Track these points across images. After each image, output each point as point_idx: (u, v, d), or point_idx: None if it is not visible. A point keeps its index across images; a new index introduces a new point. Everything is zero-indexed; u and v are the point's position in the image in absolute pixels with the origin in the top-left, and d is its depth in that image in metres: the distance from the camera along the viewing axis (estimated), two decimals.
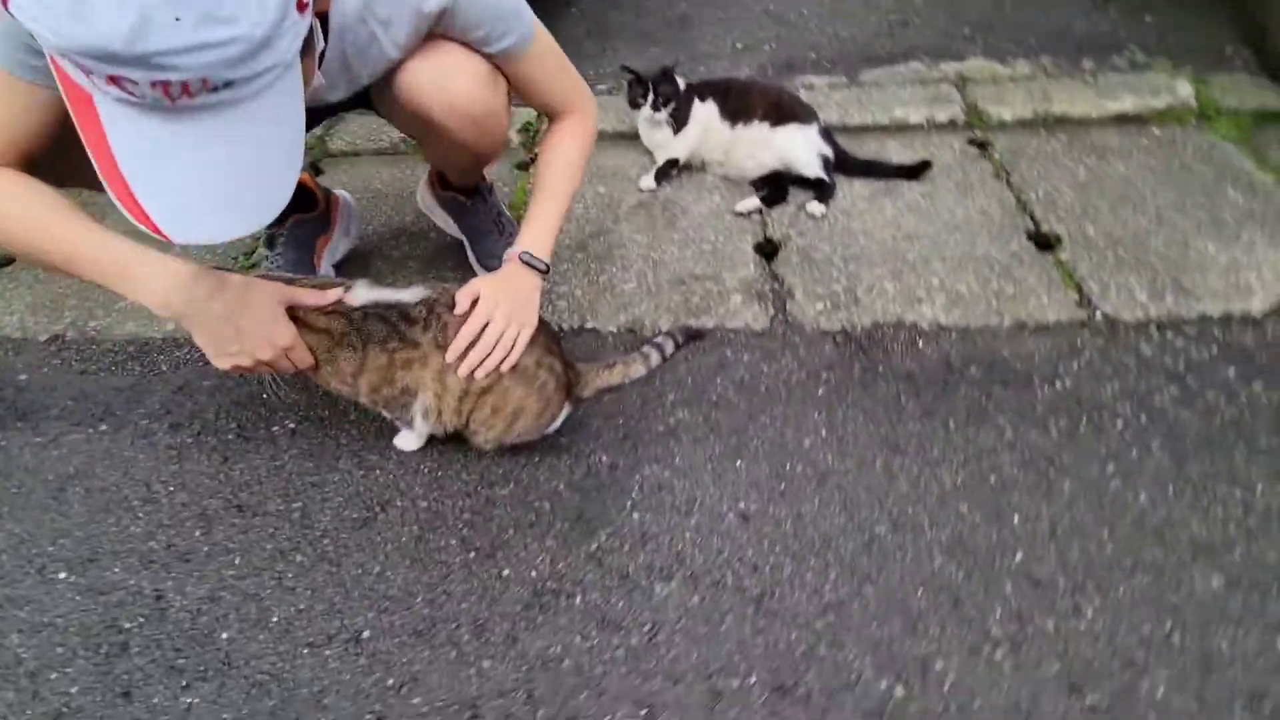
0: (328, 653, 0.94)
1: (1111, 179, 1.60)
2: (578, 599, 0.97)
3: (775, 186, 1.63)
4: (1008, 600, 0.93)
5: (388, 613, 0.97)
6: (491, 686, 0.89)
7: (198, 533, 1.08)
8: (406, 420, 1.08)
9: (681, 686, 0.88)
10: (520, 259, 1.08)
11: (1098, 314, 1.31)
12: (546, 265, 1.09)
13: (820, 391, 1.22)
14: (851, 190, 1.63)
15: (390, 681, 0.91)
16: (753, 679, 0.88)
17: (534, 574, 1.00)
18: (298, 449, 1.19)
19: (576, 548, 1.03)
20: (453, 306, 1.02)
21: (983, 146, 1.74)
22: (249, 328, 0.95)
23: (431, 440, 1.16)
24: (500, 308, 1.01)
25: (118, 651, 0.95)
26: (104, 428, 1.24)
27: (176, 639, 0.96)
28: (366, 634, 0.95)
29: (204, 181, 0.72)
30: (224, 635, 0.96)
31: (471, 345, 1.00)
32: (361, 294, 1.02)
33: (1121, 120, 1.76)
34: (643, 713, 0.86)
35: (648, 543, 1.03)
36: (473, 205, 1.43)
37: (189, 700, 0.90)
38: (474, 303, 1.02)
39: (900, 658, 0.89)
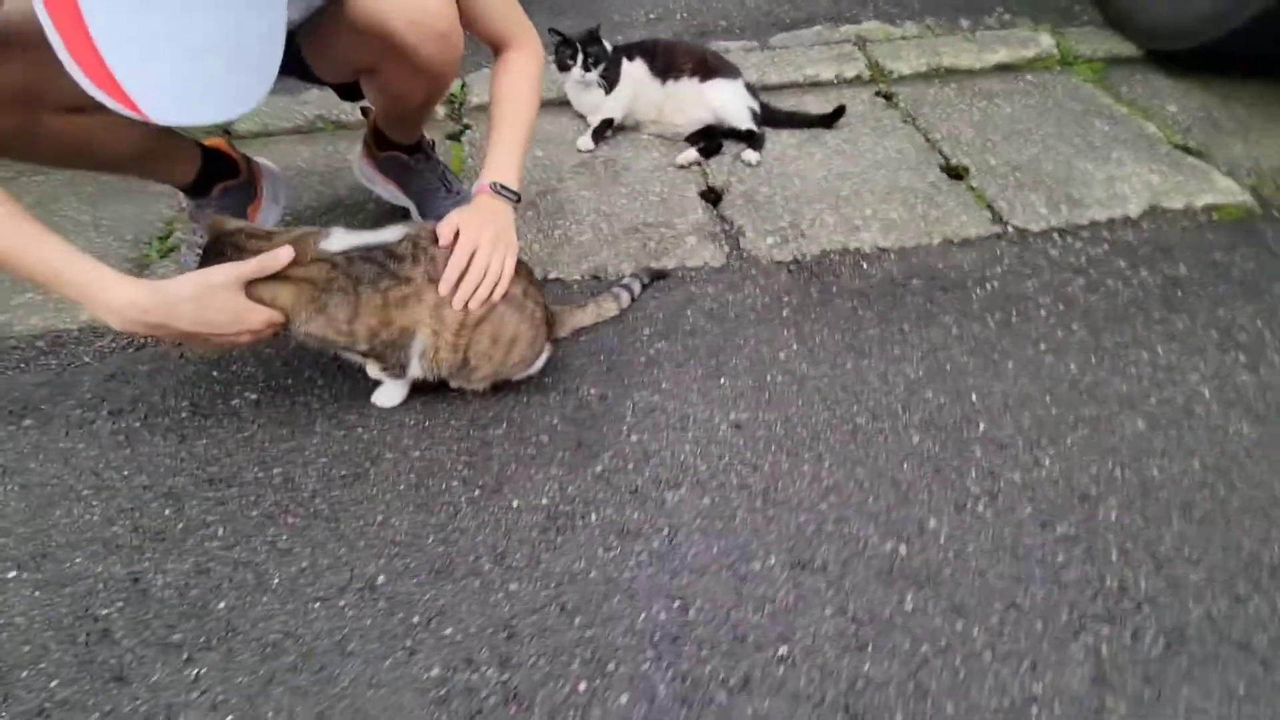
0: (342, 603, 0.92)
1: (1000, 117, 1.83)
2: (593, 516, 1.01)
3: (709, 139, 1.73)
4: (979, 462, 1.06)
5: (399, 557, 0.97)
6: (523, 606, 0.91)
7: (167, 511, 1.02)
8: (400, 366, 1.07)
9: (708, 577, 0.94)
10: (491, 189, 1.10)
11: (1009, 227, 1.50)
12: (518, 194, 1.12)
13: (785, 313, 1.32)
14: (780, 140, 1.76)
15: (416, 619, 0.90)
16: (772, 560, 0.96)
17: (545, 501, 1.03)
18: (265, 418, 1.14)
19: (582, 472, 1.06)
20: (436, 241, 1.03)
21: (888, 97, 1.93)
22: (219, 326, 0.95)
23: (412, 395, 1.16)
24: (483, 235, 1.03)
25: (98, 638, 0.89)
26: (28, 423, 1.14)
27: (166, 616, 0.91)
28: (381, 579, 0.94)
29: (188, 56, 0.70)
30: (220, 605, 0.92)
31: (462, 277, 1.01)
32: (340, 239, 1.01)
33: (1000, 69, 2.01)
34: (676, 604, 0.91)
35: (650, 459, 1.08)
36: (416, 163, 1.43)
37: (195, 671, 0.86)
38: (456, 235, 1.03)
39: (898, 522, 1.00)
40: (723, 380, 1.20)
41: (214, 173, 1.30)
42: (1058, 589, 0.92)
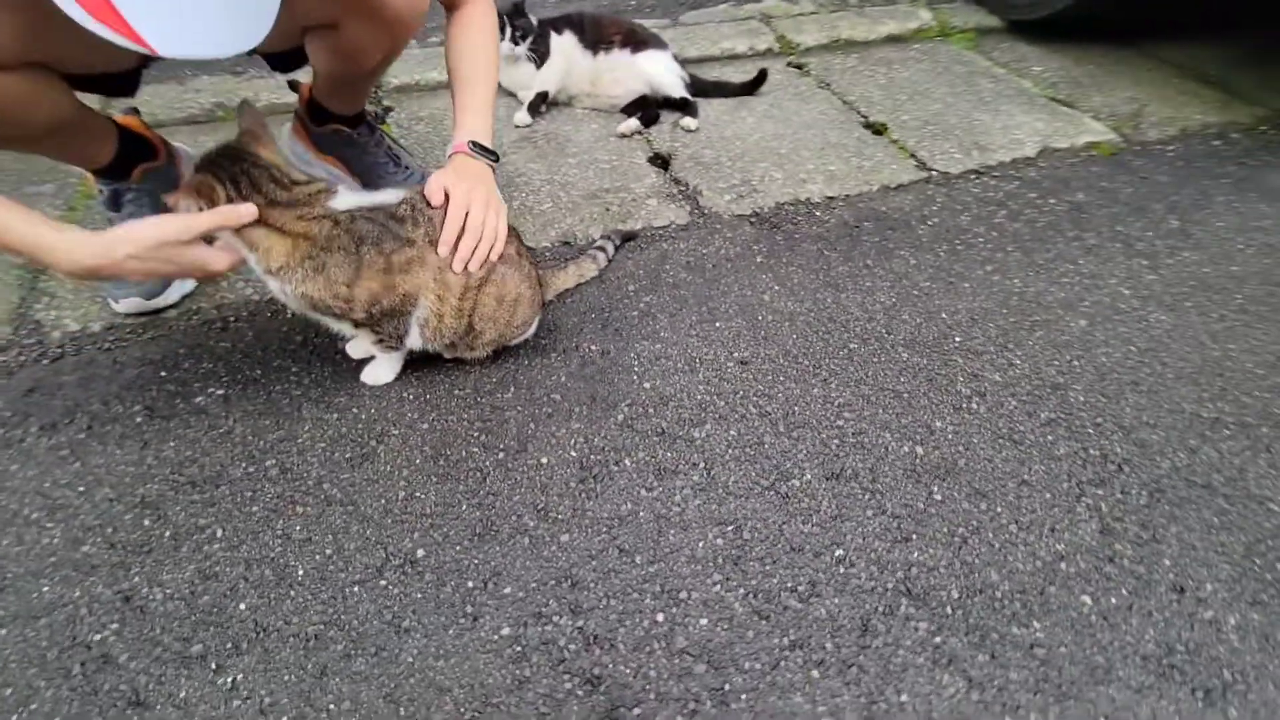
0: (383, 582, 0.86)
1: (901, 81, 2.02)
2: (626, 461, 1.01)
3: (646, 109, 1.77)
4: (962, 369, 1.18)
5: (435, 528, 0.92)
6: (579, 554, 0.90)
7: (147, 522, 0.91)
8: (398, 337, 1.02)
9: (752, 499, 0.98)
10: (470, 149, 1.07)
11: (934, 172, 1.66)
12: (496, 154, 1.10)
13: (758, 259, 1.39)
14: (711, 108, 1.84)
15: (470, 584, 0.87)
16: (807, 475, 1.01)
17: (574, 454, 1.02)
18: (240, 411, 1.04)
19: (604, 423, 1.06)
20: (429, 205, 0.99)
21: (799, 67, 2.07)
22: (173, 275, 0.96)
23: (403, 370, 1.11)
24: (474, 195, 1.01)
25: (97, 666, 0.77)
26: None
27: (177, 629, 0.81)
28: (420, 553, 0.89)
29: None
30: (241, 606, 0.83)
31: (459, 239, 0.98)
32: (345, 198, 0.96)
33: (891, 40, 2.22)
34: (729, 529, 0.94)
35: (669, 402, 1.10)
36: (360, 136, 1.36)
37: (229, 679, 0.77)
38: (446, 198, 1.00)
39: (909, 428, 1.08)
40: (717, 324, 1.24)
41: (132, 154, 1.17)
42: (1054, 463, 1.04)
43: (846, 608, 0.87)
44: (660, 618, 0.85)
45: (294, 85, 1.38)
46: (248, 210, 0.90)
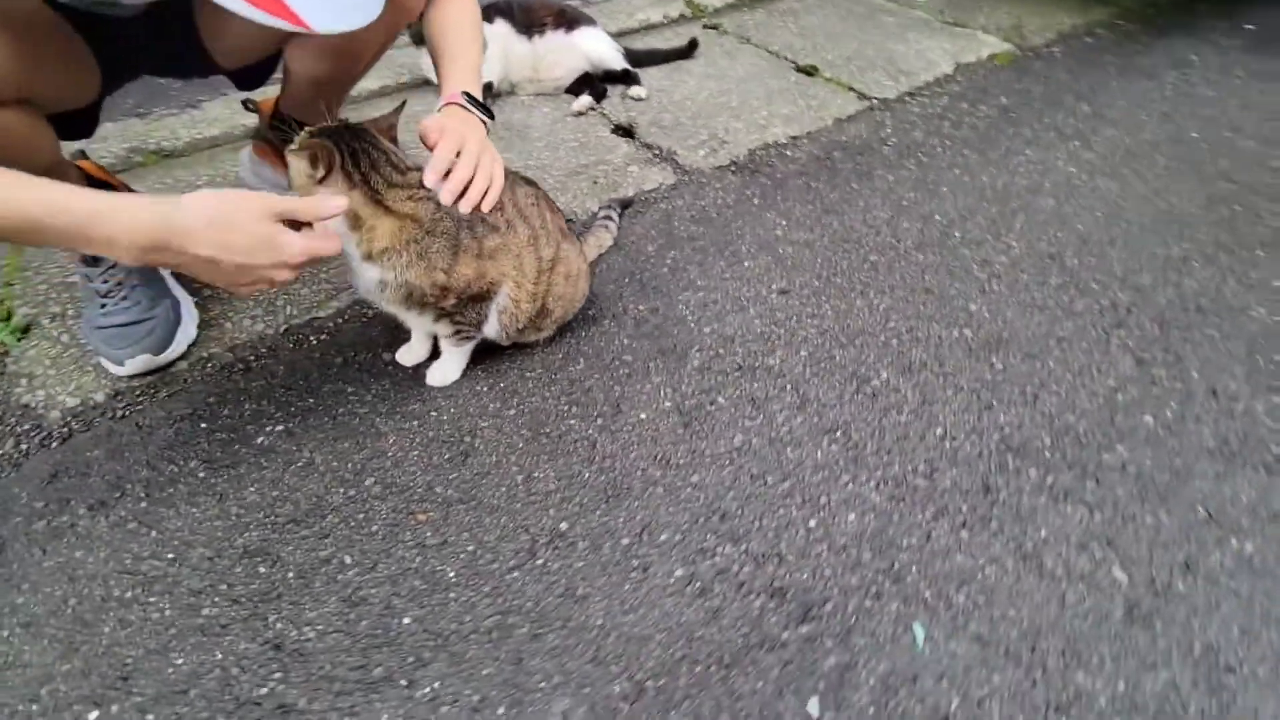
0: (540, 562, 0.86)
1: (812, 26, 2.16)
2: (720, 399, 1.05)
3: (591, 85, 1.80)
4: (971, 258, 1.30)
5: (567, 501, 0.92)
6: (715, 489, 0.93)
7: (262, 569, 0.85)
8: (477, 325, 1.00)
9: (845, 405, 1.04)
10: (463, 99, 1.04)
11: (874, 100, 1.80)
12: (490, 112, 1.08)
13: (755, 201, 1.46)
14: (651, 76, 1.89)
15: (625, 541, 0.88)
16: (884, 374, 1.09)
17: (668, 404, 1.04)
18: (313, 442, 0.99)
19: (682, 371, 1.09)
20: (513, 191, 0.99)
21: (715, 28, 2.16)
22: (249, 263, 0.81)
23: (466, 366, 1.09)
24: (469, 138, 0.99)
25: (275, 715, 0.72)
26: None
27: (348, 660, 0.77)
28: (563, 526, 0.89)
29: None
30: (406, 621, 0.80)
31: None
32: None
33: None
34: (838, 434, 1.00)
35: (732, 341, 1.15)
36: None
37: (425, 690, 0.75)
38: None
39: (951, 316, 1.19)
40: (745, 264, 1.30)
41: None
42: (1077, 318, 1.18)
43: (965, 475, 0.95)
44: (813, 523, 0.90)
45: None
46: (338, 204, 0.85)
